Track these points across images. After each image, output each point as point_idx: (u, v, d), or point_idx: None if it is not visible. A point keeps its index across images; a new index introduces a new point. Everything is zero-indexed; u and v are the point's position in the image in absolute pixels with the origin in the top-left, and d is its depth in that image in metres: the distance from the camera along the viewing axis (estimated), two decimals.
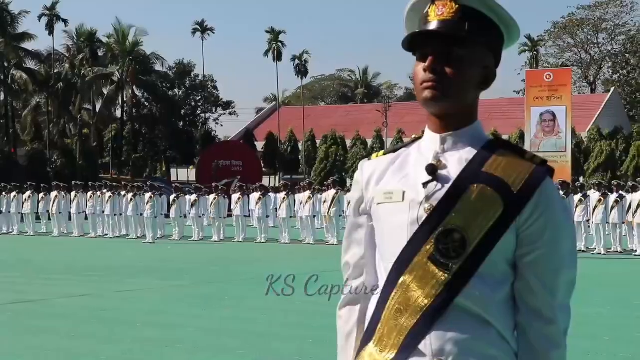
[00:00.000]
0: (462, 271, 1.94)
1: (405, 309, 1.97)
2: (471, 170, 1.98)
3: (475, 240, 1.93)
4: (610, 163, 45.18)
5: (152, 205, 24.75)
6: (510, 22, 2.06)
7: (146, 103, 66.17)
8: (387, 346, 1.99)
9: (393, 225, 2.02)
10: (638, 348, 7.88)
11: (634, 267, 16.68)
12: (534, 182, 1.96)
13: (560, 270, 1.98)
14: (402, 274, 1.99)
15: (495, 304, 1.95)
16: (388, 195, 2.05)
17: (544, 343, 1.98)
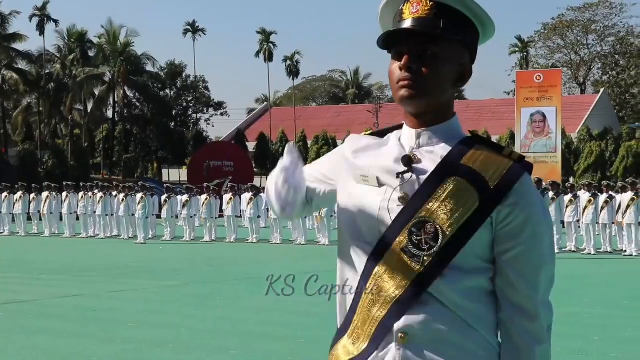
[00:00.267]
0: (434, 264, 1.93)
1: (377, 299, 1.98)
2: (448, 163, 1.98)
3: (449, 233, 1.93)
4: (600, 164, 45.31)
5: (143, 206, 24.73)
6: (485, 18, 2.05)
7: (137, 103, 66.03)
8: (360, 337, 2.01)
9: (365, 206, 2.03)
10: (628, 348, 7.93)
11: (624, 267, 16.76)
12: (512, 177, 1.96)
13: (542, 266, 1.98)
14: (377, 264, 1.99)
15: (467, 298, 1.94)
16: (365, 179, 2.05)
17: (527, 339, 1.97)
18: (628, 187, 20.01)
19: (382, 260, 1.99)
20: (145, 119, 63.89)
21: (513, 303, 1.98)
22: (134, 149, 62.60)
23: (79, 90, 60.34)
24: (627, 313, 10.22)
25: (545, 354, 2.00)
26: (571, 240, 20.71)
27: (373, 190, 2.03)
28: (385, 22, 2.13)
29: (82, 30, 61.94)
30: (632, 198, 19.48)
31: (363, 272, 2.02)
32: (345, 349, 2.06)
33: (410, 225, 1.96)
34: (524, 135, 35.93)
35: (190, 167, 47.67)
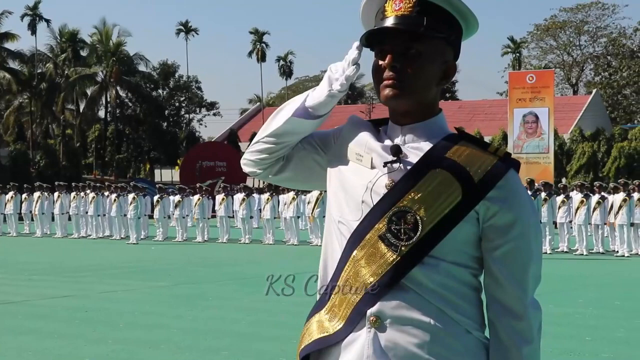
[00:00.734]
0: (411, 254, 1.92)
1: (353, 283, 1.98)
2: (433, 156, 1.97)
3: (428, 225, 1.92)
4: (592, 164, 45.41)
5: (135, 206, 24.69)
6: (468, 14, 2.03)
7: (130, 103, 65.92)
8: (336, 316, 2.01)
9: (352, 185, 2.03)
10: (620, 348, 7.94)
11: (616, 268, 16.79)
12: (497, 173, 1.95)
13: (530, 265, 1.97)
14: (355, 248, 1.99)
15: (447, 290, 1.93)
16: (359, 157, 2.05)
17: (515, 338, 1.96)
18: (620, 188, 20.05)
19: (360, 245, 1.98)
20: (138, 119, 63.78)
21: (500, 302, 1.97)
22: (126, 149, 62.50)
23: (71, 90, 60.21)
24: (619, 313, 10.23)
25: (533, 353, 1.98)
26: (563, 241, 20.75)
27: (363, 171, 2.03)
28: (367, 19, 2.11)
29: (74, 30, 61.82)
30: (624, 199, 19.53)
31: (342, 253, 2.03)
32: (320, 324, 2.07)
33: (390, 213, 1.95)
34: (517, 136, 35.98)
35: (183, 167, 47.60)
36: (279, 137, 2.14)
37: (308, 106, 2.10)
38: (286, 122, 2.11)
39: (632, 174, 39.89)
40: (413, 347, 1.92)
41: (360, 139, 2.08)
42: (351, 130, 2.13)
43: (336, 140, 2.16)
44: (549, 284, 3.32)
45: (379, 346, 1.93)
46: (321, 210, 23.22)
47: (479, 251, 1.98)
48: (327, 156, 2.16)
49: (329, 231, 2.11)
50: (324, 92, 2.07)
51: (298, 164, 2.20)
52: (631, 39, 71.80)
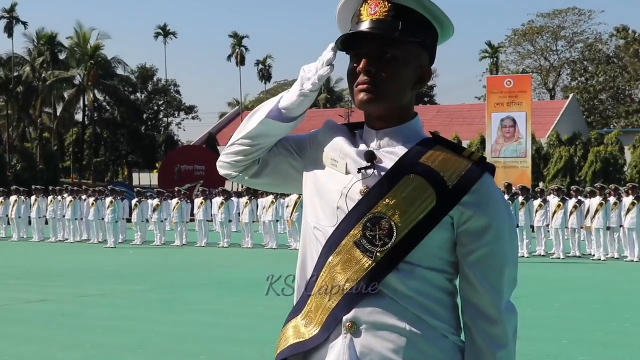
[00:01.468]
0: (387, 260, 1.92)
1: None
2: (407, 162, 1.97)
3: (403, 230, 1.92)
4: (569, 168, 45.70)
5: (113, 210, 24.54)
6: (443, 19, 2.03)
7: (108, 107, 65.62)
8: (312, 321, 2.01)
9: (328, 189, 2.03)
10: (597, 351, 8.00)
11: (592, 271, 16.91)
12: (471, 177, 1.95)
13: (505, 269, 1.97)
14: (330, 254, 1.99)
15: (422, 295, 1.93)
16: (333, 162, 2.05)
17: (489, 342, 1.96)
18: (596, 192, 20.19)
19: (336, 251, 1.98)
20: (116, 123, 63.50)
21: (475, 306, 1.98)
22: (104, 152, 62.20)
23: (49, 93, 59.84)
24: (596, 316, 10.30)
25: (508, 357, 1.98)
26: (540, 245, 20.87)
27: (338, 176, 2.03)
28: (343, 23, 2.10)
29: (52, 33, 61.45)
30: (600, 203, 19.67)
31: (318, 259, 2.03)
32: (296, 329, 2.07)
33: (365, 219, 1.95)
34: (494, 140, 36.13)
35: (161, 171, 47.42)
36: (253, 139, 2.13)
37: (281, 107, 2.10)
38: (260, 124, 2.11)
39: (608, 178, 40.20)
40: (388, 352, 1.92)
41: (335, 143, 2.08)
42: (326, 135, 2.12)
43: (312, 144, 2.15)
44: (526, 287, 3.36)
45: (354, 352, 1.94)
46: (300, 214, 23.17)
47: (454, 256, 1.98)
48: (302, 160, 2.16)
49: (305, 236, 2.11)
50: (296, 92, 2.07)
51: (274, 167, 2.20)
52: (607, 44, 72.48)
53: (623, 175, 43.89)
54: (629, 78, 71.07)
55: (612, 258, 19.51)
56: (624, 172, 45.01)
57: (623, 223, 19.47)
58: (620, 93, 72.24)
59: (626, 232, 19.52)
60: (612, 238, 19.95)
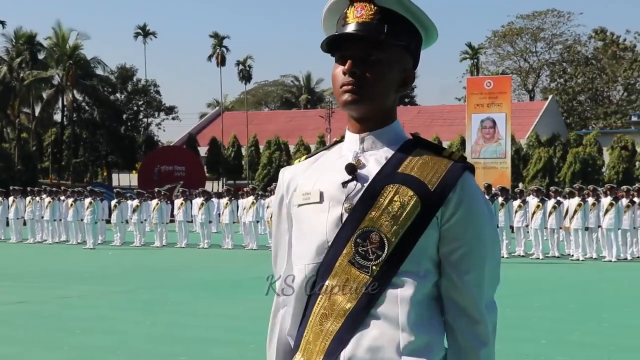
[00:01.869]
0: (384, 272, 1.93)
1: (330, 313, 1.97)
2: (387, 171, 1.98)
3: (394, 240, 1.93)
4: (548, 169, 45.95)
5: (92, 211, 24.41)
6: (428, 24, 2.06)
7: (87, 107, 65.24)
8: (313, 353, 1.99)
9: (312, 225, 2.02)
10: (575, 351, 8.05)
11: (571, 272, 17.02)
12: (451, 177, 1.96)
13: (486, 267, 1.99)
14: (326, 278, 1.98)
15: (417, 304, 1.93)
16: (306, 196, 2.05)
17: (472, 341, 1.97)
18: (575, 193, 20.33)
19: (331, 274, 1.98)
20: (95, 123, 63.14)
21: (457, 304, 1.98)
22: (83, 153, 61.84)
23: (27, 93, 59.41)
24: (574, 317, 10.37)
25: (490, 355, 2.00)
26: (520, 245, 20.97)
27: (318, 208, 2.02)
28: (329, 25, 2.12)
29: (31, 33, 61.04)
30: (579, 203, 19.80)
31: (314, 287, 2.02)
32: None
33: (355, 236, 1.96)
34: (474, 141, 36.29)
35: (141, 171, 47.22)
36: None
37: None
38: None
39: (586, 179, 40.47)
40: None
41: (302, 181, 2.10)
42: (288, 182, 2.15)
43: (283, 206, 2.17)
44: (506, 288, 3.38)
45: None
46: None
47: (439, 255, 2.00)
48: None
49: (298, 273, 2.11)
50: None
51: None
52: (586, 46, 73.02)
53: (601, 176, 44.22)
54: (607, 80, 71.65)
55: (591, 258, 19.64)
56: (603, 173, 45.36)
57: (601, 224, 19.62)
58: (598, 94, 72.81)
59: (604, 233, 19.66)
60: (591, 238, 20.09)
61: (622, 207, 19.53)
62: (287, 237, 2.18)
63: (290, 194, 2.13)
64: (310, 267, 2.02)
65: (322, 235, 2.00)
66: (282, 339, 2.18)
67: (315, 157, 2.16)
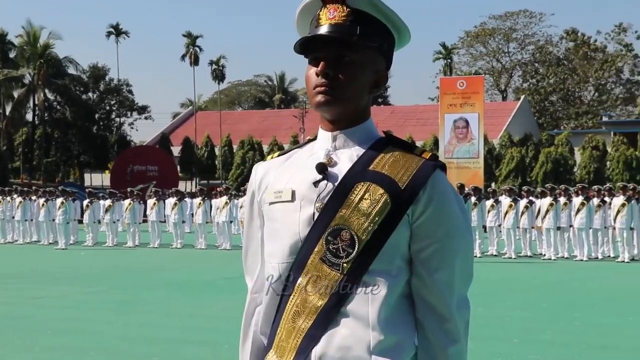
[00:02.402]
0: (354, 269, 1.94)
1: (302, 311, 1.98)
2: (358, 169, 1.99)
3: (365, 238, 1.94)
4: (520, 169, 46.24)
5: (64, 211, 24.22)
6: (400, 26, 2.07)
7: (59, 106, 64.74)
8: (285, 350, 2.00)
9: (284, 223, 2.03)
10: (547, 350, 8.11)
11: (543, 271, 17.14)
12: (422, 175, 1.97)
13: (456, 265, 2.00)
14: (299, 276, 1.99)
15: (388, 302, 1.94)
16: (278, 194, 2.06)
17: (442, 339, 1.98)
18: (547, 193, 20.48)
19: (303, 272, 1.99)
20: (67, 123, 62.66)
21: (427, 302, 1.99)
22: (55, 152, 61.36)
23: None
24: (546, 316, 10.44)
25: (460, 353, 2.01)
26: (493, 245, 21.09)
27: (290, 206, 2.03)
28: (302, 26, 2.13)
29: (2, 31, 60.41)
30: (550, 203, 19.96)
31: (286, 285, 2.03)
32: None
33: (326, 234, 1.97)
34: (447, 141, 36.43)
35: (114, 171, 46.93)
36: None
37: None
38: None
39: (558, 178, 40.80)
40: None
41: (275, 178, 2.11)
42: (260, 180, 2.16)
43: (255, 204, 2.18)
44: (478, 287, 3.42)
45: None
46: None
47: (410, 254, 2.01)
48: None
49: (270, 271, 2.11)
50: None
51: None
52: (557, 46, 73.70)
53: (573, 176, 44.59)
54: (578, 80, 72.32)
55: (563, 258, 19.81)
56: (574, 172, 45.74)
57: (573, 223, 19.79)
58: (570, 95, 73.48)
59: (576, 232, 19.84)
60: (563, 238, 20.26)
61: (594, 207, 19.71)
62: (259, 234, 2.18)
63: (262, 191, 2.14)
64: (284, 265, 2.03)
65: (294, 234, 2.01)
66: (257, 337, 2.18)
67: (288, 155, 2.17)
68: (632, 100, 69.55)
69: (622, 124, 56.46)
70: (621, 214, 19.11)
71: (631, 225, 19.17)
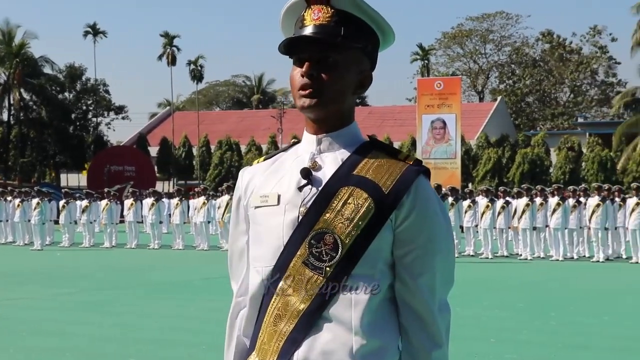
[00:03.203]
0: (337, 273, 1.94)
1: (284, 314, 1.98)
2: (342, 173, 2.00)
3: (348, 242, 1.94)
4: (497, 170, 46.48)
5: (40, 211, 24.06)
6: (385, 27, 2.08)
7: (34, 106, 64.22)
8: (267, 353, 2.00)
9: (269, 228, 2.03)
10: (523, 350, 8.16)
11: (519, 271, 17.24)
12: (406, 180, 1.98)
13: (438, 270, 2.00)
14: (280, 279, 1.99)
15: (371, 306, 1.94)
16: (264, 199, 2.06)
17: (425, 343, 1.99)
18: (523, 193, 20.60)
19: (285, 275, 1.99)
20: (43, 122, 62.16)
21: (411, 307, 2.00)
22: (31, 152, 60.86)
23: None
24: (522, 315, 10.50)
25: (443, 356, 2.02)
26: (470, 245, 21.18)
27: (274, 210, 2.03)
28: (287, 27, 2.13)
29: None
30: (527, 203, 20.08)
31: (268, 288, 2.03)
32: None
33: (309, 237, 1.97)
34: (425, 142, 36.58)
35: (90, 171, 46.66)
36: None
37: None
38: None
39: (534, 179, 41.04)
40: None
41: (261, 183, 2.11)
42: (247, 184, 2.16)
43: (242, 208, 2.18)
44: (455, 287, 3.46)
45: None
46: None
47: (393, 259, 2.01)
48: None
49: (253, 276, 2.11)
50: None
51: None
52: (533, 48, 74.13)
53: (549, 176, 44.88)
54: (554, 81, 72.82)
55: (539, 258, 19.94)
56: (550, 173, 46.04)
57: (549, 223, 19.92)
58: (546, 96, 73.96)
59: (552, 232, 19.97)
60: (539, 238, 20.39)
61: (569, 207, 19.85)
62: (245, 239, 2.18)
63: (248, 195, 2.14)
64: (268, 269, 2.03)
65: (278, 238, 2.01)
66: (240, 340, 2.19)
67: (273, 159, 2.16)
68: (607, 101, 70.06)
69: (597, 125, 56.97)
70: (596, 214, 19.26)
71: (606, 226, 19.33)
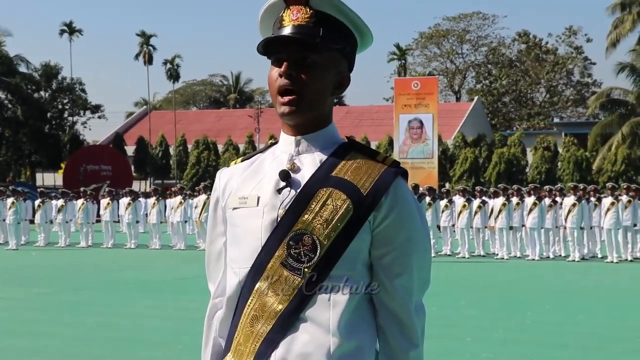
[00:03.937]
0: (315, 275, 1.95)
1: (261, 315, 1.98)
2: (320, 175, 2.00)
3: (326, 243, 1.95)
4: (474, 169, 46.67)
5: (15, 211, 23.87)
6: (363, 28, 2.09)
7: (9, 105, 63.67)
8: (243, 354, 2.00)
9: (247, 229, 2.03)
10: (500, 348, 8.20)
11: (495, 270, 17.33)
12: (384, 182, 1.99)
13: (416, 271, 2.02)
14: (257, 280, 1.99)
15: (349, 307, 1.95)
16: (243, 200, 2.06)
17: (403, 343, 2.00)
18: (500, 193, 20.70)
19: (263, 275, 1.99)
20: (18, 121, 61.64)
21: (388, 307, 2.01)
22: (6, 152, 60.36)
23: None
24: (498, 314, 10.56)
25: (420, 357, 2.04)
26: (447, 244, 21.26)
27: (253, 212, 2.03)
28: (265, 27, 2.13)
29: None
30: (503, 203, 20.18)
31: (244, 289, 2.03)
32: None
33: (287, 238, 1.97)
34: (402, 142, 36.69)
35: (66, 171, 46.37)
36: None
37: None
38: None
39: (511, 179, 41.28)
40: None
41: (239, 184, 2.11)
42: (225, 185, 2.15)
43: (220, 210, 2.17)
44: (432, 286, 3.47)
45: None
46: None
47: (370, 260, 2.02)
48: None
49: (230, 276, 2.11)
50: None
51: None
52: (510, 48, 74.50)
53: (525, 176, 45.14)
54: (530, 82, 73.25)
55: (515, 257, 20.05)
56: (526, 173, 46.31)
57: (525, 223, 20.03)
58: (522, 96, 74.38)
59: (528, 232, 20.08)
60: (515, 237, 20.50)
61: (545, 207, 19.98)
62: (223, 240, 2.17)
63: (226, 197, 2.13)
64: (245, 270, 2.03)
65: (257, 239, 2.01)
66: (217, 341, 2.19)
67: (251, 160, 2.16)
68: (582, 101, 70.60)
69: (572, 125, 57.38)
70: (572, 214, 19.39)
71: (581, 225, 19.48)
